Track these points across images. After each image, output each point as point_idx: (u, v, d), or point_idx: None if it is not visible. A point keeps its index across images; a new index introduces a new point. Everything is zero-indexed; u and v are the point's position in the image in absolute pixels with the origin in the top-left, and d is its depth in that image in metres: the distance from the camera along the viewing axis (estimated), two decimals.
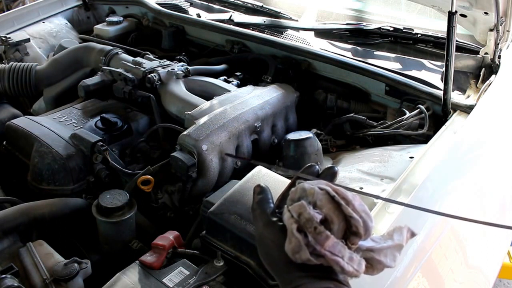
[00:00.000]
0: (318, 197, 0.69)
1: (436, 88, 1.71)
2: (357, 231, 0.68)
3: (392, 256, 0.70)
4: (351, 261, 0.66)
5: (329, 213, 0.68)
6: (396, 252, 0.71)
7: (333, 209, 0.68)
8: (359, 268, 0.67)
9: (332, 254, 0.66)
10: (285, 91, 1.78)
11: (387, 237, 0.72)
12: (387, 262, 0.70)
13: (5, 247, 1.21)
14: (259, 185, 0.80)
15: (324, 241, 0.66)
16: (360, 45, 2.19)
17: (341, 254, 0.66)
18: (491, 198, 1.51)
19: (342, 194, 0.69)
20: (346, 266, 0.66)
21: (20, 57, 2.13)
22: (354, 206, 0.68)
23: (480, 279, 1.39)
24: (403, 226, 0.74)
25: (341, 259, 0.66)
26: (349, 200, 0.69)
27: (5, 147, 1.63)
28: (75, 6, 2.65)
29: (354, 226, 0.68)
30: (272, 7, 2.54)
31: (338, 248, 0.66)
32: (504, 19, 1.77)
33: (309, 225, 0.67)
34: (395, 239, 0.72)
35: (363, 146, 1.74)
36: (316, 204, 0.69)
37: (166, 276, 1.08)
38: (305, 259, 0.67)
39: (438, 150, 1.38)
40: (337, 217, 0.68)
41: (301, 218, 0.68)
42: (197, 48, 2.37)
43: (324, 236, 0.66)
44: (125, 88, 1.74)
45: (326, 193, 0.69)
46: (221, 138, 1.47)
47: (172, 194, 1.45)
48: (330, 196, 0.69)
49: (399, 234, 0.72)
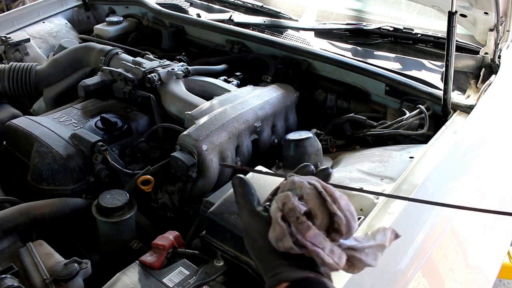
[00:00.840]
0: (306, 191, 0.71)
1: (436, 88, 1.71)
2: (339, 229, 0.69)
3: (373, 255, 0.71)
4: (332, 254, 0.68)
5: (313, 208, 0.70)
6: (378, 252, 0.72)
7: (318, 204, 0.70)
8: (339, 261, 0.68)
9: (313, 244, 0.67)
10: (285, 91, 1.78)
11: (370, 237, 0.73)
12: (367, 261, 0.71)
13: (5, 247, 1.21)
14: (239, 177, 0.81)
15: (305, 231, 0.67)
16: (360, 45, 2.19)
17: (322, 245, 0.67)
18: (491, 198, 1.51)
19: (329, 191, 0.71)
20: (326, 257, 0.67)
21: (20, 57, 2.13)
22: (340, 205, 0.70)
23: (480, 279, 1.39)
24: (387, 228, 0.75)
25: (321, 250, 0.67)
26: (335, 198, 0.70)
27: (5, 147, 1.63)
28: (75, 6, 2.65)
29: (336, 223, 0.69)
30: (272, 7, 2.54)
31: (320, 239, 0.68)
32: (504, 19, 1.77)
33: (291, 215, 0.69)
34: (377, 239, 0.73)
35: (363, 146, 1.74)
36: (303, 197, 0.71)
37: (166, 276, 1.08)
38: (288, 248, 0.68)
39: (438, 150, 1.38)
40: (321, 213, 0.69)
41: (285, 207, 0.70)
42: (197, 48, 2.37)
43: (305, 226, 0.68)
44: (125, 88, 1.74)
45: (314, 188, 0.71)
46: (221, 138, 1.47)
47: (172, 194, 1.45)
48: (318, 191, 0.71)
49: (383, 234, 0.74)
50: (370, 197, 1.22)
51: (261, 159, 1.60)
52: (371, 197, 1.22)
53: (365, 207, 1.22)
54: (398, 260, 1.07)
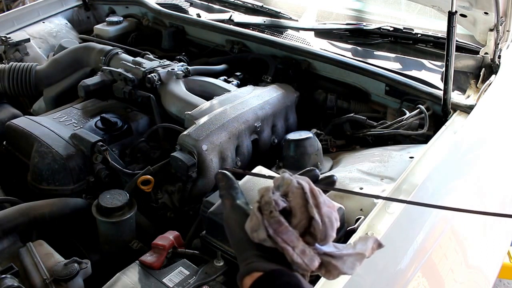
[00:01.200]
0: (292, 189, 0.71)
1: (436, 88, 1.71)
2: (314, 233, 0.69)
3: (350, 264, 0.71)
4: (303, 254, 0.68)
5: (294, 207, 0.70)
6: (356, 261, 0.71)
7: (300, 205, 0.70)
8: (310, 263, 0.68)
9: (283, 241, 0.67)
10: (285, 91, 1.78)
11: (350, 245, 0.73)
12: (343, 269, 0.70)
13: (5, 247, 1.21)
14: (222, 172, 0.82)
15: (276, 226, 0.68)
16: (360, 45, 2.19)
17: (293, 244, 0.68)
18: (491, 198, 1.51)
19: (315, 195, 0.71)
20: (295, 256, 0.67)
21: (20, 57, 2.14)
22: (321, 210, 0.70)
23: (480, 279, 1.39)
24: (370, 236, 0.75)
25: (291, 249, 0.67)
26: (318, 202, 0.70)
27: (5, 147, 1.63)
28: (75, 6, 2.65)
29: (313, 227, 0.69)
30: (272, 7, 2.54)
31: (291, 237, 0.68)
32: (504, 19, 1.77)
33: (266, 208, 0.69)
34: (357, 248, 0.72)
35: (363, 146, 1.74)
36: (287, 194, 0.71)
37: (166, 276, 1.08)
38: (262, 239, 0.69)
39: (438, 150, 1.38)
40: (301, 213, 0.70)
41: (262, 199, 0.70)
42: (197, 48, 2.37)
43: (276, 220, 0.68)
44: (125, 88, 1.74)
45: (300, 188, 0.71)
46: (221, 138, 1.47)
47: (172, 194, 1.45)
48: (303, 192, 0.71)
49: (363, 244, 0.73)
50: None
51: (261, 159, 1.60)
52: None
53: (365, 207, 1.22)
54: (398, 260, 1.07)
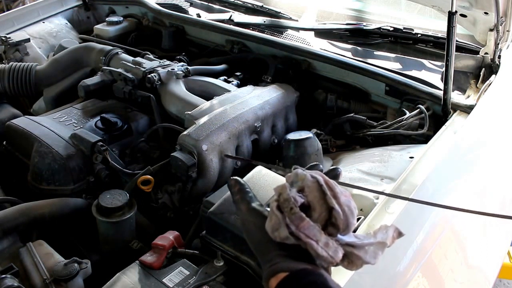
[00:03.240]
0: (307, 183, 0.71)
1: (436, 88, 1.71)
2: (336, 223, 0.69)
3: (373, 253, 0.71)
4: (327, 247, 0.67)
5: (313, 200, 0.70)
6: (378, 250, 0.72)
7: (317, 198, 0.70)
8: (335, 255, 0.68)
9: (306, 236, 0.67)
10: (285, 91, 1.78)
11: (372, 235, 0.73)
12: (366, 259, 0.70)
13: (5, 247, 1.21)
14: (234, 179, 0.83)
15: (298, 222, 0.67)
16: (360, 45, 2.19)
17: (316, 237, 0.67)
18: (491, 198, 1.51)
19: (331, 186, 0.71)
20: (320, 250, 0.67)
21: (20, 57, 2.14)
22: (339, 200, 0.70)
23: (480, 279, 1.39)
24: (390, 226, 0.75)
25: (315, 243, 0.67)
26: (336, 192, 0.70)
27: (5, 147, 1.63)
28: (75, 6, 2.65)
29: (334, 218, 0.69)
30: (272, 7, 2.54)
31: (314, 231, 0.67)
32: (504, 19, 1.77)
33: (285, 205, 0.69)
34: (378, 237, 0.73)
35: (363, 146, 1.74)
36: (303, 189, 0.71)
37: (166, 276, 1.08)
38: (284, 237, 0.68)
39: (438, 150, 1.38)
40: (320, 206, 0.69)
41: (280, 197, 0.70)
42: (197, 48, 2.37)
43: (297, 216, 0.68)
44: (125, 88, 1.74)
45: (315, 182, 0.71)
46: (221, 138, 1.47)
47: (172, 194, 1.45)
48: (319, 184, 0.71)
49: (384, 232, 0.73)
50: (370, 197, 1.22)
51: (261, 159, 1.60)
52: (371, 197, 1.22)
53: (365, 207, 1.22)
54: (398, 260, 1.07)
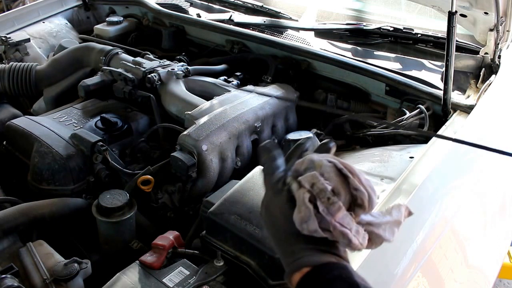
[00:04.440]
0: (326, 169, 0.70)
1: (436, 88, 1.71)
2: (362, 204, 0.69)
3: (390, 230, 0.71)
4: (358, 234, 0.67)
5: (336, 186, 0.69)
6: (394, 227, 0.72)
7: (340, 182, 0.69)
8: (363, 241, 0.68)
9: (341, 225, 0.66)
10: (285, 91, 1.78)
11: (386, 213, 0.73)
12: (386, 236, 0.71)
13: (5, 247, 1.21)
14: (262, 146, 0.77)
15: (336, 212, 0.66)
16: (360, 45, 2.19)
17: (349, 226, 0.67)
18: (491, 198, 1.51)
19: (349, 168, 0.70)
20: (353, 238, 0.67)
21: (20, 57, 2.14)
22: (360, 180, 0.69)
23: (480, 279, 1.39)
24: (401, 204, 0.75)
25: (349, 231, 0.66)
26: (355, 173, 0.70)
27: (5, 147, 1.63)
28: (75, 6, 2.65)
29: (359, 199, 0.69)
30: (272, 7, 2.54)
31: (347, 220, 0.67)
32: (504, 19, 1.77)
33: (322, 195, 0.67)
34: (393, 215, 0.73)
35: (363, 146, 1.74)
36: (323, 176, 0.70)
37: (166, 276, 1.08)
38: (313, 230, 0.67)
39: (438, 150, 1.38)
40: (344, 190, 0.69)
41: (314, 188, 0.68)
42: (197, 48, 2.37)
43: (336, 206, 0.67)
44: (125, 88, 1.74)
45: (334, 166, 0.70)
46: (221, 138, 1.47)
47: (172, 194, 1.45)
48: (338, 169, 0.70)
49: (398, 211, 0.74)
50: None
51: None
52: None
53: None
54: (398, 260, 1.07)
